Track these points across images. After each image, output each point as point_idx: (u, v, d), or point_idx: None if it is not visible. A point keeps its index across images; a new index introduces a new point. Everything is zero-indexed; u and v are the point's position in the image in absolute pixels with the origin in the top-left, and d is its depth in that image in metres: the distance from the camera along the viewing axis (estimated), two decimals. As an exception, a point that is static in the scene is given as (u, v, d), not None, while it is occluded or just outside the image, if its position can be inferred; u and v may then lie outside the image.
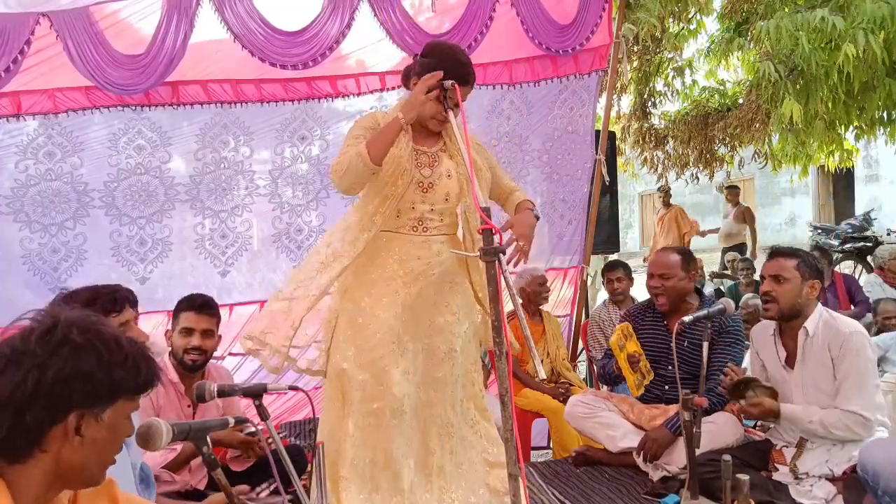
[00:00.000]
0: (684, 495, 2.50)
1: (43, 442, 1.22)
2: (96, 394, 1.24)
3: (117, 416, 1.28)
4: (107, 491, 1.45)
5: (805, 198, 17.10)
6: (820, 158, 7.84)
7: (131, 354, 1.28)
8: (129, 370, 1.27)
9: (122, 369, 1.25)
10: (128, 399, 1.29)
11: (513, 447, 1.96)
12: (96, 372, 1.22)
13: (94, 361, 1.22)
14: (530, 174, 4.48)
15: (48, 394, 1.19)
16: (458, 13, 3.80)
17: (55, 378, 1.20)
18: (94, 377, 1.22)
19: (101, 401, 1.25)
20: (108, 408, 1.26)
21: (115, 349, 1.26)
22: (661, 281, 3.35)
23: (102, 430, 1.26)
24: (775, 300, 2.83)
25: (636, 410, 3.38)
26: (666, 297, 3.34)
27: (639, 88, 8.38)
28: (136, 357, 1.29)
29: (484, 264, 2.03)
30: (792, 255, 2.88)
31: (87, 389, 1.22)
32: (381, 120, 2.62)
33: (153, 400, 2.80)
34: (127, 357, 1.27)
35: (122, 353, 1.26)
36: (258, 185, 3.93)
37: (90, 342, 1.23)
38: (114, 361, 1.25)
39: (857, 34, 4.83)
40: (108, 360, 1.24)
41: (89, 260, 3.67)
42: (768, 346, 3.00)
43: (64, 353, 1.21)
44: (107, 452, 1.30)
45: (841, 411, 2.70)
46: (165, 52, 3.32)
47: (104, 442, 1.27)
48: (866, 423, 2.68)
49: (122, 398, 1.28)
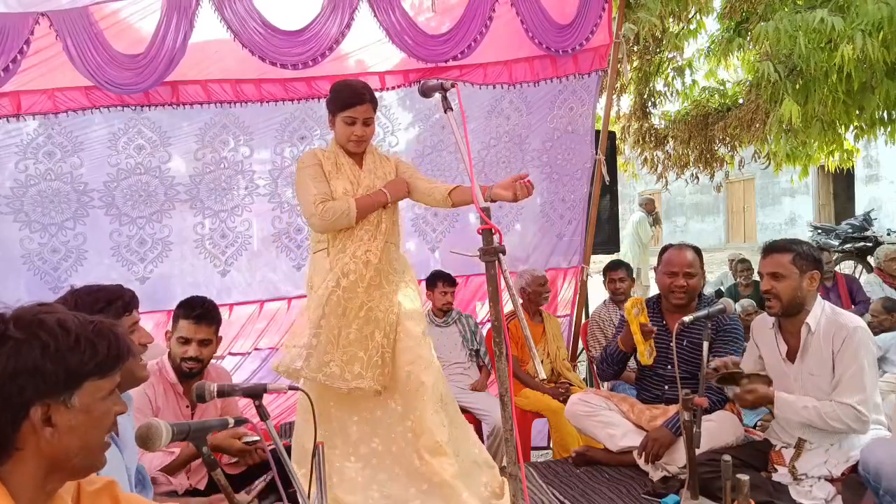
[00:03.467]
0: (684, 495, 2.50)
1: (16, 441, 1.21)
2: (51, 384, 1.21)
3: (90, 398, 1.26)
4: (108, 491, 1.45)
5: (805, 198, 17.12)
6: (820, 158, 7.84)
7: (83, 336, 1.25)
8: (83, 353, 1.24)
9: (74, 353, 1.23)
10: (98, 379, 1.27)
11: (513, 447, 1.96)
12: (43, 363, 1.20)
13: (38, 353, 1.21)
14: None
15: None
16: (458, 13, 3.80)
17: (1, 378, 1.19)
18: (42, 369, 1.20)
19: (62, 389, 1.23)
20: (74, 393, 1.24)
21: (61, 335, 1.23)
22: (685, 280, 3.34)
23: (77, 416, 1.24)
24: (777, 297, 2.81)
25: (636, 410, 3.37)
26: (687, 295, 3.34)
27: (639, 88, 8.39)
28: (91, 337, 1.26)
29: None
30: (786, 250, 2.83)
31: (38, 382, 1.20)
32: (321, 157, 2.94)
33: (152, 400, 2.80)
34: (77, 340, 1.24)
35: (69, 337, 1.23)
36: (258, 185, 3.93)
37: (31, 334, 1.21)
38: (62, 348, 1.22)
39: (856, 35, 4.82)
40: (55, 349, 1.22)
41: (89, 260, 3.67)
42: (768, 340, 2.98)
43: (5, 352, 1.20)
44: (90, 436, 1.28)
45: (837, 403, 2.68)
46: (165, 51, 3.32)
47: (83, 427, 1.25)
48: (860, 417, 2.65)
49: (89, 380, 1.26)
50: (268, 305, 4.11)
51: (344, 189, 2.90)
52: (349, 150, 2.96)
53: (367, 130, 2.92)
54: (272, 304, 4.12)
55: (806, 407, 2.72)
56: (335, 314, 2.85)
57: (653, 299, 3.57)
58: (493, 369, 4.21)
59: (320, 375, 2.83)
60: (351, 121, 2.88)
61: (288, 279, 4.11)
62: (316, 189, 2.85)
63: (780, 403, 2.78)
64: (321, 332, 2.85)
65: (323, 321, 2.85)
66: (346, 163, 2.95)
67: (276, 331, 4.15)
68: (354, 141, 2.92)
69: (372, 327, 2.88)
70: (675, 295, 3.35)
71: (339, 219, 2.83)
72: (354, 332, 2.86)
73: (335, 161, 2.94)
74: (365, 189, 2.92)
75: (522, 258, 4.62)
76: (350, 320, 2.86)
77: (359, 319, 2.86)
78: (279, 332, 4.15)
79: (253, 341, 4.12)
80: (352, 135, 2.89)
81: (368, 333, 2.87)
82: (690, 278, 3.33)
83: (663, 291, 3.41)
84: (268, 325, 4.13)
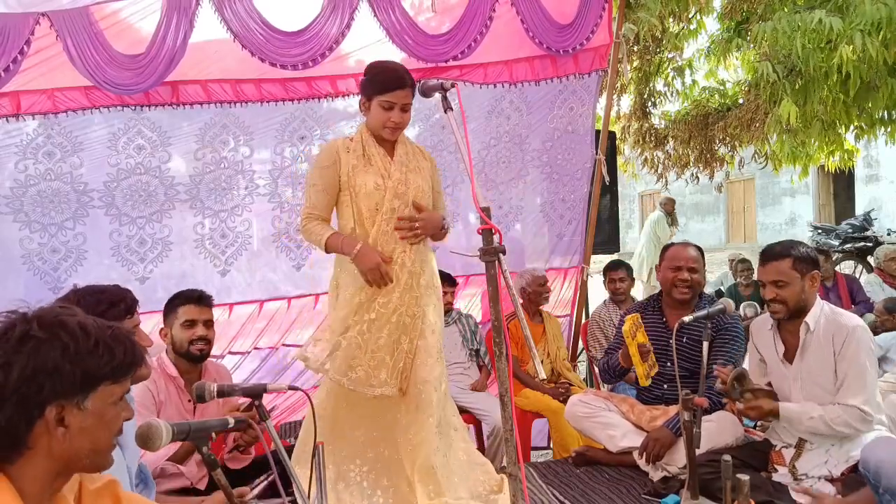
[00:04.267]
0: (684, 495, 2.50)
1: (28, 439, 1.22)
2: (68, 385, 1.23)
3: (102, 402, 1.27)
4: (109, 490, 1.46)
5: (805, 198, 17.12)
6: (820, 158, 7.84)
7: (101, 340, 1.26)
8: (100, 357, 1.25)
9: (92, 357, 1.24)
10: (111, 384, 1.28)
11: (513, 447, 1.96)
12: (63, 364, 1.21)
13: (58, 354, 1.22)
14: (530, 174, 4.48)
15: (16, 392, 1.19)
16: (458, 13, 3.80)
17: (20, 376, 1.19)
18: (61, 369, 1.21)
19: (77, 390, 1.24)
20: (88, 396, 1.25)
21: (82, 338, 1.24)
22: (689, 274, 3.34)
23: (88, 419, 1.25)
24: (784, 303, 2.80)
25: (636, 411, 3.37)
26: (691, 290, 3.35)
27: (639, 88, 8.39)
28: (109, 342, 1.27)
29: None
30: (785, 256, 2.80)
31: (56, 382, 1.21)
32: (340, 149, 2.79)
33: (155, 396, 2.81)
34: (97, 343, 1.25)
35: (89, 340, 1.25)
36: (258, 185, 3.93)
37: (53, 335, 1.22)
38: (81, 350, 1.23)
39: (855, 36, 4.82)
40: (74, 351, 1.23)
41: (89, 260, 3.67)
42: (767, 341, 2.99)
43: (26, 350, 1.20)
44: (100, 439, 1.29)
45: (842, 406, 2.69)
46: (165, 51, 3.32)
47: (93, 429, 1.26)
48: (866, 417, 2.66)
49: (103, 384, 1.27)
50: (267, 305, 4.11)
51: (375, 184, 2.76)
52: (383, 136, 2.80)
53: (404, 117, 2.76)
54: (272, 303, 4.12)
55: (812, 417, 2.73)
56: (365, 317, 2.76)
57: (654, 297, 3.58)
58: (493, 369, 4.21)
59: (345, 379, 2.74)
60: (389, 105, 2.71)
61: (288, 279, 4.11)
62: (313, 200, 2.81)
63: (786, 415, 2.79)
64: (348, 334, 2.76)
65: (351, 322, 2.76)
66: (376, 153, 2.80)
67: (275, 330, 4.15)
68: (391, 128, 2.76)
69: (399, 333, 2.79)
70: (678, 289, 3.35)
71: (313, 241, 2.84)
72: (385, 338, 2.76)
73: (363, 151, 2.80)
74: (395, 182, 2.77)
75: (522, 258, 4.62)
76: (382, 325, 2.76)
77: (390, 325, 2.77)
78: (279, 332, 4.15)
79: (252, 341, 4.12)
80: (388, 121, 2.73)
81: (396, 339, 2.78)
82: (694, 273, 3.35)
83: (666, 287, 3.42)
84: (267, 324, 4.12)
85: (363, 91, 2.81)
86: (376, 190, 2.75)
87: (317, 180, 2.80)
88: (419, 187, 2.83)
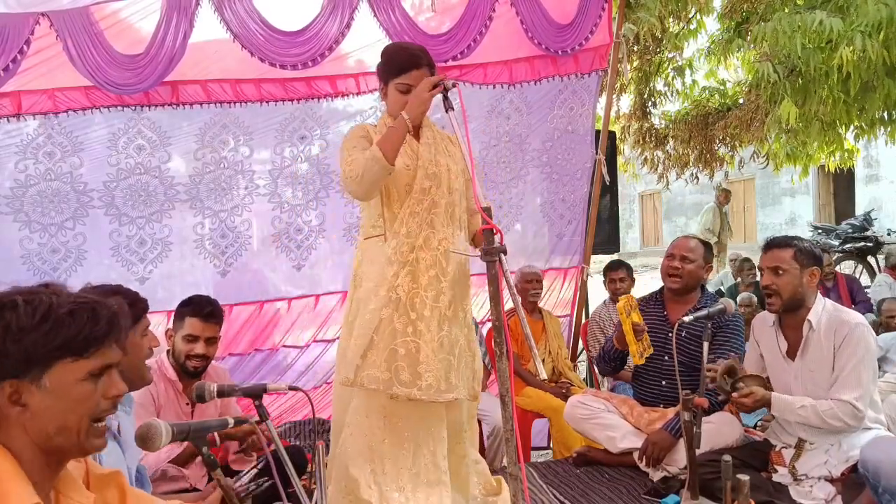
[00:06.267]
0: (684, 495, 2.50)
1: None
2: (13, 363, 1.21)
3: (63, 379, 1.24)
4: (115, 480, 1.46)
5: (805, 198, 17.11)
6: (820, 158, 7.84)
7: (52, 317, 1.23)
8: (46, 334, 1.22)
9: (36, 333, 1.22)
10: (71, 361, 1.24)
11: (513, 447, 1.96)
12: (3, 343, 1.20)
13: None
14: (530, 174, 4.48)
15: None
16: (458, 13, 3.80)
17: None
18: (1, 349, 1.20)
19: (27, 369, 1.22)
20: (43, 374, 1.23)
21: (25, 316, 1.22)
22: (681, 263, 3.35)
23: (48, 397, 1.23)
24: (777, 293, 2.81)
25: (636, 413, 3.37)
26: (682, 280, 3.34)
27: (639, 88, 8.39)
28: (62, 317, 1.24)
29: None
30: (787, 245, 2.83)
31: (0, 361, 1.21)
32: (371, 131, 2.61)
33: (154, 398, 2.80)
34: (44, 320, 1.22)
35: (33, 318, 1.22)
36: (258, 185, 3.92)
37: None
38: (24, 328, 1.21)
39: (855, 36, 4.82)
40: (17, 328, 1.21)
41: (89, 260, 3.67)
42: (769, 338, 2.99)
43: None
44: (67, 418, 1.25)
45: (835, 400, 2.68)
46: (165, 51, 3.32)
47: (57, 408, 1.24)
48: (857, 413, 2.65)
49: (61, 361, 1.24)
50: (268, 305, 4.11)
51: (405, 165, 2.53)
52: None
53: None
54: (272, 304, 4.12)
55: (804, 406, 2.72)
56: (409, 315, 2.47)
57: (656, 290, 3.59)
58: (493, 369, 4.20)
59: (415, 390, 2.43)
60: (406, 88, 2.51)
61: (288, 279, 4.10)
62: (350, 156, 2.48)
63: (778, 404, 2.79)
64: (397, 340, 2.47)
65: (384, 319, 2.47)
66: None
67: (275, 331, 4.15)
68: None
69: (457, 330, 2.56)
70: (671, 279, 3.37)
71: (368, 168, 2.39)
72: (445, 336, 2.51)
73: None
74: (425, 163, 2.55)
75: (522, 258, 4.61)
76: (438, 322, 2.49)
77: (447, 320, 2.51)
78: (279, 332, 4.15)
79: (252, 342, 4.12)
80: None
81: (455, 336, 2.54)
82: (686, 262, 3.34)
83: (662, 276, 3.44)
84: (267, 324, 4.12)
85: (380, 77, 2.65)
86: (406, 170, 2.55)
87: (355, 143, 2.55)
88: (451, 170, 2.63)
